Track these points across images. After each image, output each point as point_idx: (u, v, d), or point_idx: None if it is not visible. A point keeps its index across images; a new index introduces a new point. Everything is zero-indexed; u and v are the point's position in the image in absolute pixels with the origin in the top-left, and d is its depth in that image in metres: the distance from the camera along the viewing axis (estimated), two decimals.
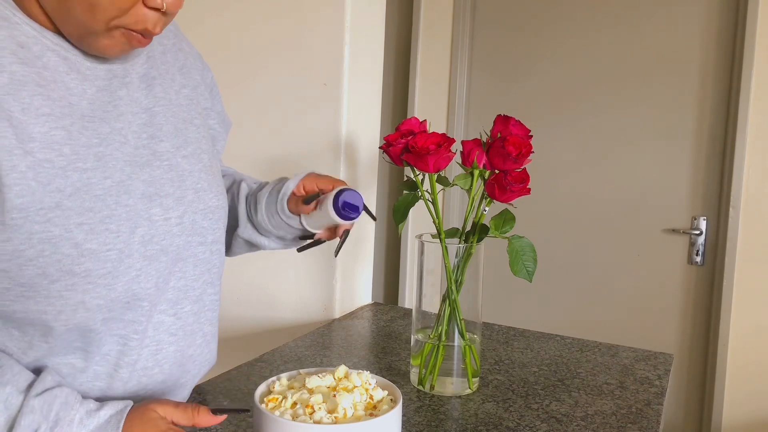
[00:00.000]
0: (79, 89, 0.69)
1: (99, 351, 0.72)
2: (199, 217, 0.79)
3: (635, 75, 2.33)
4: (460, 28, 2.61)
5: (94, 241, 0.66)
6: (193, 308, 0.80)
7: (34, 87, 0.65)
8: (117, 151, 0.70)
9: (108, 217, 0.68)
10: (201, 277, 0.81)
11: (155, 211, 0.72)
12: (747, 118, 2.12)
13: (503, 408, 0.97)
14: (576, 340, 1.27)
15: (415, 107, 2.72)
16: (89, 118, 0.69)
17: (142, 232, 0.71)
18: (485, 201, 1.01)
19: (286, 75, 1.43)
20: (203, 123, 0.86)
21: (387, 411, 0.72)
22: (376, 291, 2.64)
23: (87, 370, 0.73)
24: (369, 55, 1.46)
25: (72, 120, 0.67)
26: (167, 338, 0.77)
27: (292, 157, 1.42)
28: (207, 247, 0.81)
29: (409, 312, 1.47)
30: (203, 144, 0.83)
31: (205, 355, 0.86)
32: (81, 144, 0.67)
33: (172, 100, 0.80)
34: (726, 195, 2.19)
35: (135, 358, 0.74)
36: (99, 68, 0.72)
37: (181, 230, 0.76)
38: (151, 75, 0.78)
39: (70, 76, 0.69)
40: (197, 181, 0.79)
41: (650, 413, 0.96)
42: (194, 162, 0.80)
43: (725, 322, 2.18)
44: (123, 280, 0.69)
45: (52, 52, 0.68)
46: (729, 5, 2.18)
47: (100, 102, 0.70)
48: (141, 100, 0.75)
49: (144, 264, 0.71)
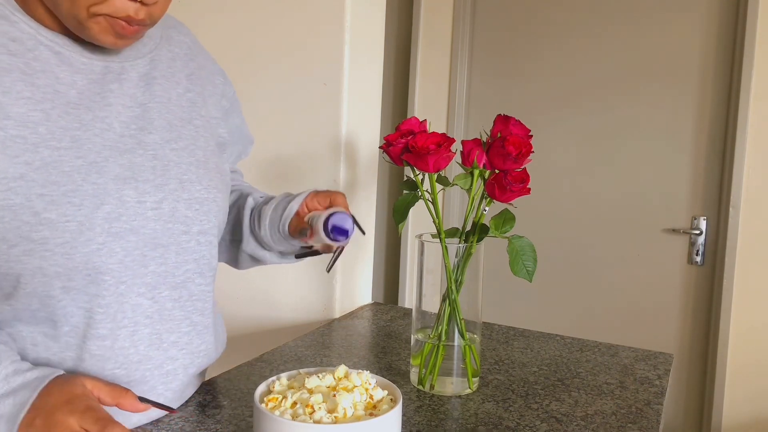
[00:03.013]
0: (69, 80, 0.75)
1: (67, 322, 0.76)
2: (182, 206, 0.82)
3: (635, 75, 2.33)
4: (460, 28, 2.61)
5: (53, 212, 0.71)
6: (173, 294, 0.83)
7: (19, 74, 0.72)
8: (97, 136, 0.75)
9: (72, 191, 0.72)
10: (185, 266, 0.84)
11: (128, 192, 0.76)
12: (747, 118, 2.12)
13: (503, 408, 0.97)
14: (576, 340, 1.27)
15: (415, 107, 2.72)
16: (74, 105, 0.75)
17: (108, 209, 0.74)
18: (485, 201, 1.01)
19: (286, 75, 1.43)
20: (205, 125, 0.89)
21: (387, 411, 0.72)
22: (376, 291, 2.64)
23: (58, 340, 0.77)
24: (369, 55, 1.46)
25: (54, 105, 0.73)
26: (143, 320, 0.80)
27: (292, 157, 1.42)
28: (192, 237, 0.84)
29: (409, 312, 1.47)
30: (200, 142, 0.87)
31: (197, 345, 0.87)
32: (59, 126, 0.73)
33: (171, 99, 0.85)
34: (726, 195, 2.19)
35: (104, 333, 0.77)
36: (95, 64, 0.78)
37: (158, 215, 0.79)
38: (152, 75, 0.83)
39: (60, 68, 0.75)
40: (184, 172, 0.82)
41: (650, 413, 0.96)
42: (184, 155, 0.83)
43: (725, 321, 2.18)
44: (82, 252, 0.73)
45: (45, 47, 0.75)
46: (729, 6, 2.18)
47: (89, 92, 0.76)
48: (137, 96, 0.80)
49: (108, 239, 0.75)
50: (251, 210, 0.99)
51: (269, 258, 1.00)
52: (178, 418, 0.89)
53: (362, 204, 1.46)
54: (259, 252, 0.99)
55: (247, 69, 1.47)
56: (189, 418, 0.89)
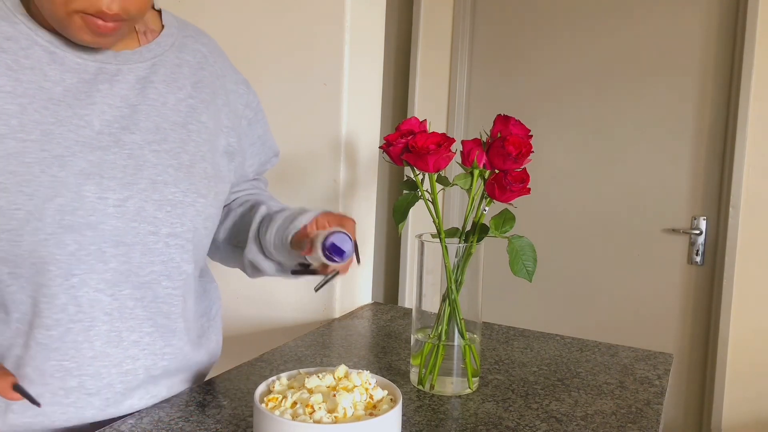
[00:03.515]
0: (57, 77, 0.78)
1: (17, 308, 0.79)
2: (151, 206, 0.82)
3: (635, 75, 2.33)
4: (460, 28, 2.61)
5: (3, 199, 0.74)
6: (135, 294, 0.83)
7: (4, 70, 0.75)
8: (71, 132, 0.77)
9: (27, 182, 0.74)
10: (150, 267, 0.84)
11: (88, 188, 0.77)
12: (747, 117, 2.12)
13: (503, 408, 0.97)
14: (576, 340, 1.27)
15: (415, 107, 2.72)
16: (56, 101, 0.77)
17: (62, 201, 0.75)
18: (485, 201, 1.01)
19: (286, 75, 1.43)
20: (201, 131, 0.89)
21: (387, 411, 0.72)
22: (376, 291, 2.64)
23: (10, 325, 0.80)
24: (369, 55, 1.46)
25: (33, 100, 0.76)
26: (102, 317, 0.81)
27: (292, 157, 1.42)
28: (160, 239, 0.83)
29: (409, 312, 1.47)
30: (189, 147, 0.87)
31: (160, 347, 0.87)
32: (32, 119, 0.75)
33: (167, 104, 0.85)
34: (726, 195, 2.19)
35: (50, 324, 0.79)
36: (89, 65, 0.80)
37: (121, 213, 0.79)
38: (150, 79, 0.85)
39: (50, 66, 0.78)
40: (159, 173, 0.82)
41: (650, 413, 0.96)
42: (166, 158, 0.84)
43: (725, 321, 2.18)
44: (29, 240, 0.75)
45: (40, 47, 0.78)
46: (729, 5, 2.18)
47: (76, 90, 0.79)
48: (129, 97, 0.82)
49: (58, 231, 0.76)
50: (263, 216, 0.97)
51: (268, 269, 0.98)
52: (178, 418, 0.89)
53: (362, 204, 1.46)
54: (259, 259, 0.98)
55: (247, 69, 1.46)
56: (189, 418, 0.89)
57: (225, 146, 0.94)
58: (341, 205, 1.39)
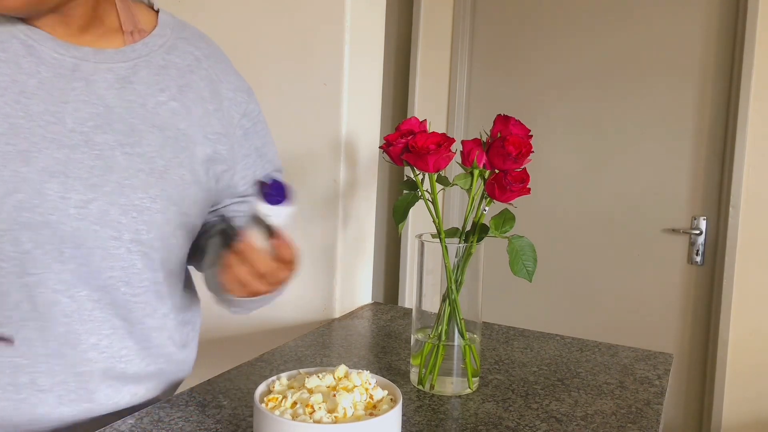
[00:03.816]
0: (32, 70, 0.77)
1: None
2: (116, 210, 0.79)
3: (635, 75, 2.33)
4: (460, 28, 2.61)
5: None
6: (93, 296, 0.82)
7: None
8: (40, 128, 0.76)
9: None
10: (110, 272, 0.82)
11: (51, 186, 0.76)
12: (747, 118, 2.12)
13: (503, 408, 0.97)
14: (576, 340, 1.27)
15: (415, 107, 2.72)
16: (28, 94, 0.76)
17: (20, 197, 0.74)
18: (485, 201, 1.01)
19: (286, 75, 1.43)
20: (180, 137, 0.85)
21: (387, 411, 0.72)
22: (376, 291, 2.64)
23: None
24: (369, 55, 1.46)
25: (5, 92, 0.75)
26: (61, 318, 0.80)
27: (292, 157, 1.42)
28: (123, 244, 0.81)
29: (409, 312, 1.47)
30: (166, 152, 0.84)
31: (117, 350, 0.86)
32: (2, 113, 0.75)
33: (146, 105, 0.83)
34: (726, 195, 2.19)
35: (1, 320, 0.78)
36: (66, 60, 0.79)
37: (83, 215, 0.78)
38: (129, 79, 0.83)
39: (26, 59, 0.77)
40: (128, 177, 0.80)
41: (650, 413, 0.96)
42: (138, 161, 0.81)
43: (725, 321, 2.18)
44: None
45: (18, 40, 0.78)
46: (729, 5, 2.18)
47: (50, 85, 0.78)
48: (105, 96, 0.80)
49: (14, 227, 0.75)
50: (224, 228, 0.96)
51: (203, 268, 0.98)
52: (178, 418, 0.89)
53: (362, 204, 1.46)
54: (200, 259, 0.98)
55: (247, 69, 1.46)
56: (189, 418, 0.89)
57: (211, 153, 0.90)
58: (341, 205, 1.40)
